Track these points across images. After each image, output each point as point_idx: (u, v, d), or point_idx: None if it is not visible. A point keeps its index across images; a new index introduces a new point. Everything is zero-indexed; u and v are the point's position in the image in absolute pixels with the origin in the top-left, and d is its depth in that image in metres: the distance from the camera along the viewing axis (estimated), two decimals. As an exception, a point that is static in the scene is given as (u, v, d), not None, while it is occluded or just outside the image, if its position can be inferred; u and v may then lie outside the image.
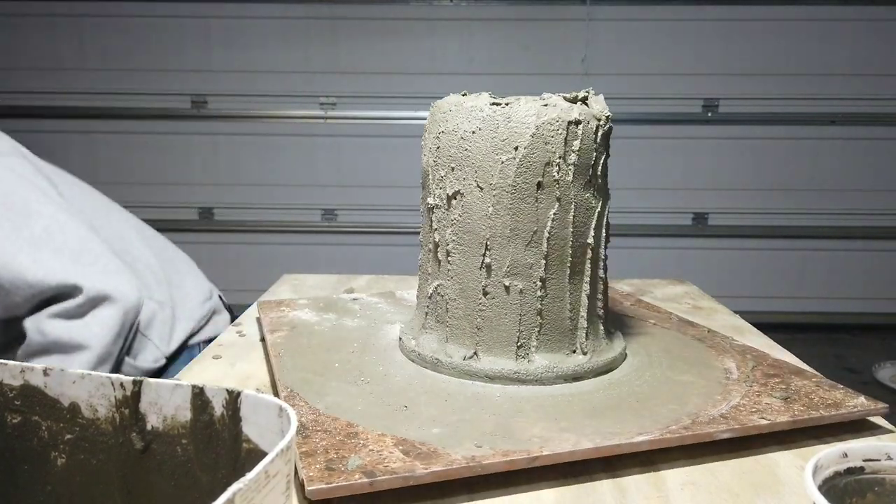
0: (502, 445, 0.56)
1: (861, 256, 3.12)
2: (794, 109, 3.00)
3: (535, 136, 0.67)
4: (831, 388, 0.67)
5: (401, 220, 3.07)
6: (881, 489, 0.45)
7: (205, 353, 0.83)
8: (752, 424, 0.59)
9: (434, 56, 2.99)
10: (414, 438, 0.57)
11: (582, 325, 0.72)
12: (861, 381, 2.66)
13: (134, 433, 0.42)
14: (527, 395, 0.67)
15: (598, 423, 0.60)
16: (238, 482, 0.31)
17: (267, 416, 0.38)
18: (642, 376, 0.71)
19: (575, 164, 0.68)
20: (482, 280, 0.70)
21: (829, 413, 0.61)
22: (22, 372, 0.43)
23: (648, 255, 3.12)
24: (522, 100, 0.69)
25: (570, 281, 0.70)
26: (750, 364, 0.73)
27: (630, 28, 2.96)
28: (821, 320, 3.17)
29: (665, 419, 0.60)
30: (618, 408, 0.63)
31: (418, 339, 0.76)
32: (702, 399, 0.64)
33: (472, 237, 0.70)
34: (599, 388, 0.68)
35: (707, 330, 0.85)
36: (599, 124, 0.70)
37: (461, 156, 0.70)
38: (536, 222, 0.68)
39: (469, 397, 0.66)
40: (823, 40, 2.95)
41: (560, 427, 0.59)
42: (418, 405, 0.64)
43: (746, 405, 0.63)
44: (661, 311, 0.95)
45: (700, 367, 0.73)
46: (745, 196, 3.08)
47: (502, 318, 0.70)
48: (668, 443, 0.57)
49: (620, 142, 2.92)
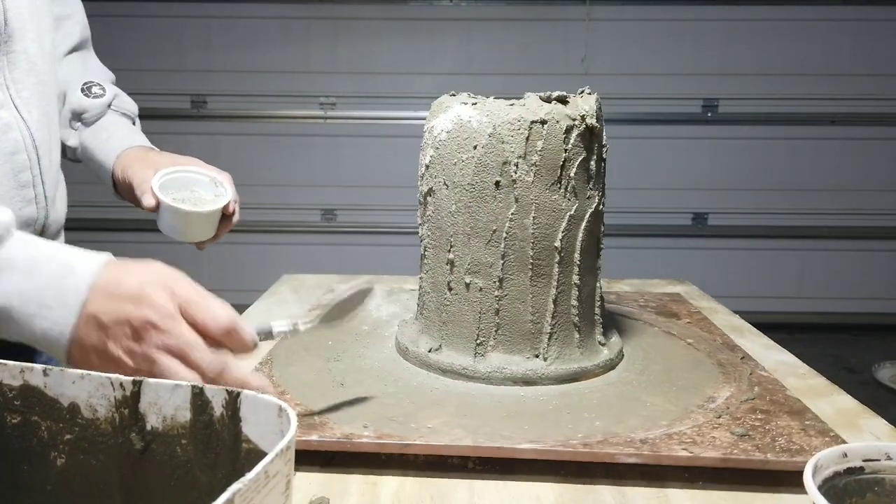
0: (387, 429, 0.58)
1: (861, 256, 3.12)
2: (794, 109, 3.00)
3: (493, 135, 0.67)
4: (818, 434, 0.59)
5: (400, 220, 3.07)
6: (881, 489, 0.45)
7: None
8: (667, 454, 0.55)
9: (434, 56, 2.99)
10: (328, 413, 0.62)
11: (546, 330, 0.70)
12: (861, 381, 2.66)
13: (133, 433, 0.42)
14: (473, 391, 0.67)
15: (501, 426, 0.59)
16: (238, 482, 0.31)
17: (266, 417, 0.38)
18: (606, 391, 0.68)
19: (537, 165, 0.67)
20: (447, 276, 0.72)
21: (776, 458, 0.55)
22: (21, 372, 0.43)
23: (648, 255, 3.12)
24: (490, 100, 0.70)
25: (533, 283, 0.69)
26: (745, 396, 0.67)
27: (630, 28, 2.96)
28: (821, 320, 3.17)
29: (580, 433, 0.58)
30: (544, 416, 0.62)
31: (404, 329, 0.80)
32: (644, 421, 0.61)
33: (440, 233, 0.72)
34: (549, 396, 0.67)
35: (741, 357, 0.78)
36: (573, 124, 0.68)
37: (435, 154, 0.72)
38: (496, 221, 0.69)
39: (409, 385, 0.69)
40: (823, 40, 2.95)
41: (460, 423, 0.60)
42: (355, 384, 0.68)
43: (687, 434, 0.58)
44: (714, 331, 0.87)
45: (683, 392, 0.68)
46: (744, 196, 3.08)
47: (464, 315, 0.71)
48: (558, 455, 0.56)
49: (620, 142, 2.92)
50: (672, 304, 0.99)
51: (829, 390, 0.74)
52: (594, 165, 0.71)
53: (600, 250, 0.75)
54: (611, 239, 0.75)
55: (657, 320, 0.91)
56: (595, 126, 0.69)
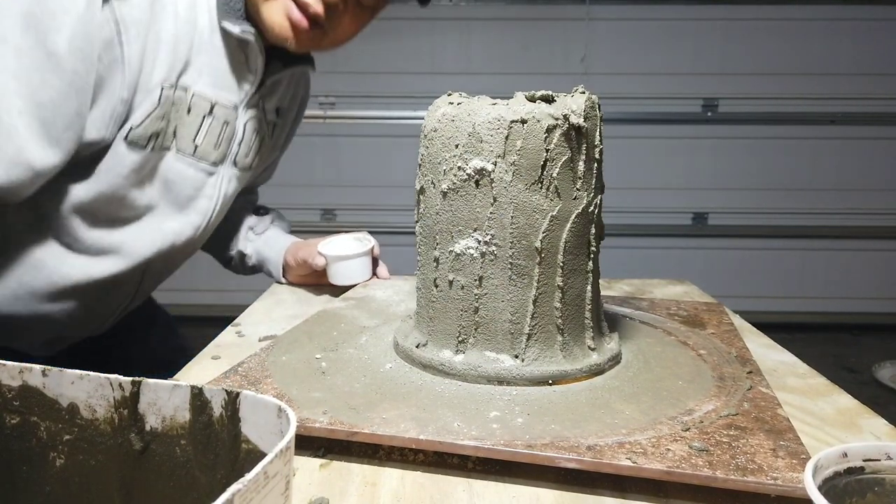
0: (341, 417, 0.60)
1: (861, 256, 3.12)
2: (794, 109, 3.00)
3: (472, 134, 0.68)
4: (787, 456, 0.55)
5: (400, 220, 3.07)
6: (881, 489, 0.45)
7: (203, 354, 0.83)
8: (610, 462, 0.53)
9: (433, 56, 2.99)
10: (292, 396, 0.64)
11: (524, 331, 0.69)
12: (861, 380, 2.66)
13: (133, 434, 0.42)
14: (444, 387, 0.68)
15: (454, 422, 0.60)
16: (237, 483, 0.31)
17: (266, 417, 0.38)
18: (579, 395, 0.67)
19: (516, 164, 0.67)
20: (434, 273, 0.73)
21: (725, 476, 0.52)
22: (21, 372, 0.43)
23: (648, 255, 3.12)
24: (474, 100, 0.71)
25: (512, 283, 0.69)
26: (728, 411, 0.63)
27: (630, 28, 2.96)
28: (821, 320, 3.17)
29: (528, 434, 0.58)
30: (503, 416, 0.61)
31: (403, 324, 0.81)
32: (602, 428, 0.59)
33: (428, 231, 0.74)
34: (518, 396, 0.66)
35: (749, 371, 0.73)
36: (556, 124, 0.67)
37: (425, 153, 0.73)
38: (476, 220, 0.69)
39: (385, 377, 0.70)
40: (823, 40, 2.95)
41: (414, 416, 0.60)
42: (335, 374, 0.70)
43: (641, 444, 0.56)
44: (735, 344, 0.83)
45: (661, 403, 0.65)
46: (744, 196, 3.08)
47: (448, 312, 0.72)
48: (498, 454, 0.55)
49: (620, 142, 2.90)
50: (704, 314, 0.95)
51: (829, 390, 0.74)
52: (582, 166, 0.69)
53: (592, 252, 0.73)
54: (611, 239, 0.74)
55: (679, 329, 0.88)
56: (582, 125, 0.68)
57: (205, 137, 0.92)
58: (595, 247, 0.73)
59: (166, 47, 0.83)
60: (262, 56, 0.93)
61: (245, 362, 0.72)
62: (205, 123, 0.91)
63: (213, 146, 0.94)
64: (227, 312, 1.15)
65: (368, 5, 0.92)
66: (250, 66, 0.93)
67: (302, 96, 1.19)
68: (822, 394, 0.73)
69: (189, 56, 0.86)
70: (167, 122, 0.87)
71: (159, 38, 0.83)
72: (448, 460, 0.58)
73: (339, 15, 0.89)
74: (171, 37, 0.84)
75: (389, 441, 0.58)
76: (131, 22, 0.79)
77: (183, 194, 0.94)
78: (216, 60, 0.90)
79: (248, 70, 0.94)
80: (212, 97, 0.91)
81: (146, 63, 0.82)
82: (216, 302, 3.05)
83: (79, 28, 0.74)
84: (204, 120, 0.91)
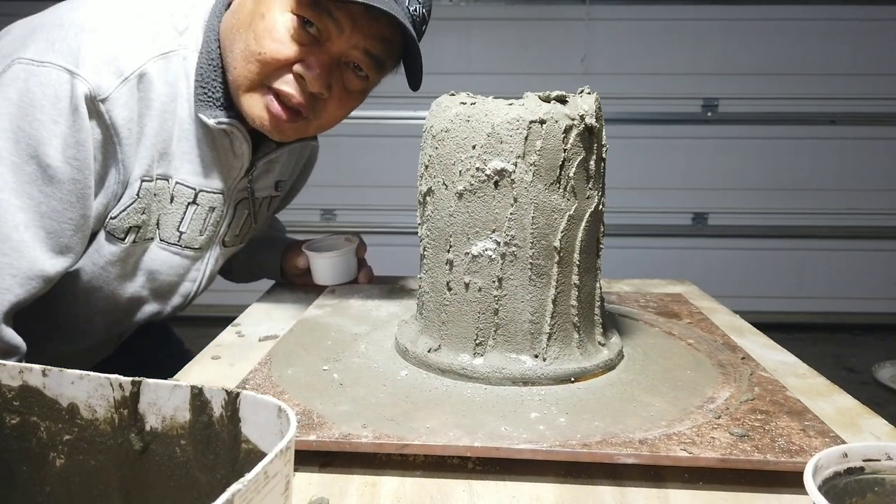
0: (385, 430, 0.58)
1: (861, 256, 3.12)
2: (794, 109, 3.00)
3: (491, 135, 0.67)
4: (818, 435, 0.58)
5: (399, 220, 3.07)
6: (881, 489, 0.45)
7: (203, 354, 0.83)
8: (665, 454, 0.55)
9: (433, 56, 2.98)
10: (319, 411, 0.61)
11: (545, 331, 0.70)
12: (861, 381, 2.66)
13: (133, 434, 0.42)
14: (471, 391, 0.67)
15: (499, 426, 0.59)
16: (237, 483, 0.31)
17: (266, 417, 0.38)
18: (605, 391, 0.68)
19: (536, 165, 0.67)
20: (447, 276, 0.72)
21: (776, 459, 0.54)
22: (20, 372, 0.43)
23: (648, 255, 3.12)
24: (489, 100, 0.70)
25: (532, 283, 0.69)
26: (745, 396, 0.66)
27: (630, 28, 2.96)
28: (821, 320, 3.17)
29: (579, 434, 0.58)
30: (542, 416, 0.61)
31: (404, 329, 0.79)
32: (643, 422, 0.60)
33: (439, 233, 0.72)
34: (548, 396, 0.66)
35: (742, 357, 0.77)
36: (573, 124, 0.68)
37: (434, 154, 0.72)
38: (494, 221, 0.68)
39: (407, 385, 0.68)
40: (823, 40, 2.95)
41: (458, 423, 0.59)
42: (353, 384, 0.68)
43: (686, 434, 0.58)
44: (715, 331, 0.86)
45: (682, 393, 0.67)
46: (744, 196, 3.08)
47: (463, 315, 0.71)
48: (556, 456, 0.55)
49: (620, 142, 2.90)
50: (673, 305, 0.99)
51: (829, 390, 0.74)
52: (594, 165, 0.70)
53: (600, 250, 0.74)
54: (611, 239, 0.74)
55: (658, 321, 0.91)
56: (594, 126, 0.69)
57: (189, 224, 0.90)
58: (602, 244, 0.75)
59: (148, 141, 0.82)
60: (247, 143, 0.89)
61: (249, 378, 0.69)
62: (189, 211, 0.89)
63: (199, 232, 0.92)
64: (227, 312, 1.15)
65: (355, 90, 0.89)
66: (235, 152, 0.90)
67: (308, 157, 1.16)
68: (822, 394, 0.73)
69: (170, 146, 0.84)
70: (148, 214, 0.85)
71: (143, 133, 0.81)
72: (448, 461, 0.58)
73: (324, 103, 0.87)
74: (153, 131, 0.82)
75: (442, 451, 0.56)
76: (122, 123, 0.78)
77: (166, 282, 0.93)
78: (198, 149, 0.87)
79: (234, 156, 0.90)
80: (195, 185, 0.88)
81: (131, 158, 0.81)
82: (216, 302, 3.04)
83: (69, 137, 0.74)
84: (188, 208, 0.89)
